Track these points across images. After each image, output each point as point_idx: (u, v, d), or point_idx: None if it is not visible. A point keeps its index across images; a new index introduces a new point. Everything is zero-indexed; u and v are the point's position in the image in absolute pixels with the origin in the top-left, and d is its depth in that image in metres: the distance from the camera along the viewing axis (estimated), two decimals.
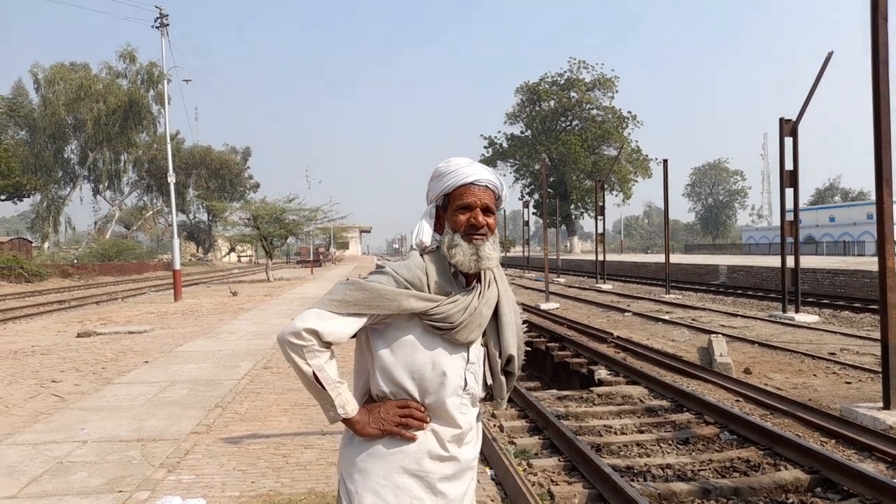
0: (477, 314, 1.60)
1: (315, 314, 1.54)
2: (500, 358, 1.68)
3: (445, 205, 1.70)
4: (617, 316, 14.00)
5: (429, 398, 1.59)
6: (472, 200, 1.65)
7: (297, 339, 1.52)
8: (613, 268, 33.40)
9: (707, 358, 8.82)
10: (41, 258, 42.96)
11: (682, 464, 4.93)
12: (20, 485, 4.14)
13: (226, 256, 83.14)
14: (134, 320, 14.63)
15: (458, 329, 1.57)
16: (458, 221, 1.64)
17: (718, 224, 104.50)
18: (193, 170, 68.11)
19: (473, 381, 1.64)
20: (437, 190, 1.70)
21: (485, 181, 1.68)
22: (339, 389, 1.57)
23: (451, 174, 1.68)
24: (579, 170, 60.86)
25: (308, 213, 34.99)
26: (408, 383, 1.58)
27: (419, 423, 1.59)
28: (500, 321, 1.69)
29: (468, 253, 1.60)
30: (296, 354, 1.54)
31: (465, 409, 1.63)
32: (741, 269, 24.48)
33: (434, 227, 1.71)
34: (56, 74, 54.00)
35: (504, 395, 1.74)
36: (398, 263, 1.63)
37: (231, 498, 3.90)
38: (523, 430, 6.05)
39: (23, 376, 7.97)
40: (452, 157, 1.73)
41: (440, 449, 1.61)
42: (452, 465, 1.63)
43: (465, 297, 1.60)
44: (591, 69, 64.16)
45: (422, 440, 1.60)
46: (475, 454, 1.71)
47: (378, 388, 1.60)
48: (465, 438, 1.66)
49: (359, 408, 1.61)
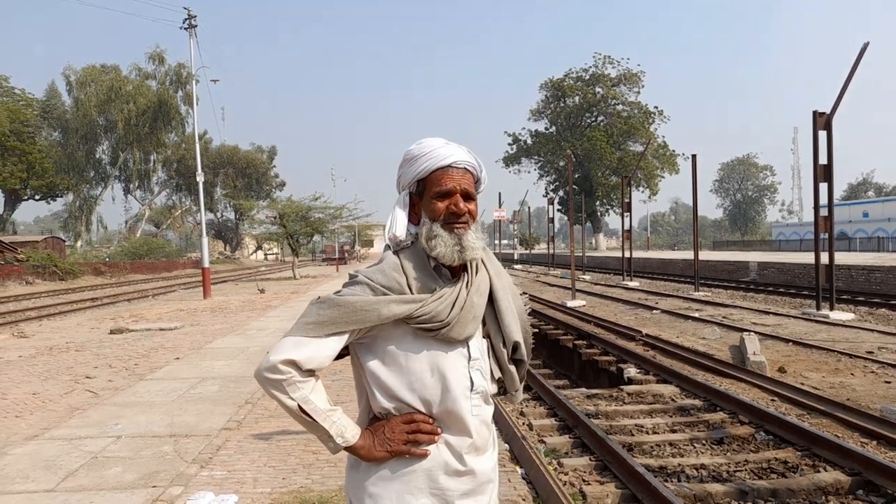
0: (469, 306, 1.46)
1: (290, 343, 1.40)
2: (505, 347, 1.54)
3: (420, 191, 1.54)
4: (645, 313, 13.82)
5: (435, 407, 1.44)
6: (452, 186, 1.49)
7: (273, 373, 1.39)
8: (640, 265, 33.02)
9: (739, 356, 8.65)
10: (74, 256, 43.90)
11: (717, 464, 4.83)
12: (58, 478, 4.21)
13: (252, 254, 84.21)
14: (164, 317, 14.87)
15: (451, 326, 1.43)
16: (437, 209, 1.49)
17: (747, 220, 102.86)
18: (221, 169, 69.07)
19: (481, 378, 1.49)
20: (411, 175, 1.54)
21: (463, 163, 1.52)
22: (331, 418, 1.42)
23: (426, 156, 1.52)
24: (605, 166, 60.39)
25: (333, 212, 35.24)
26: (408, 396, 1.43)
27: (429, 437, 1.44)
28: (497, 307, 1.54)
29: (450, 244, 1.45)
30: (276, 390, 1.40)
31: (477, 411, 1.48)
32: (772, 266, 24.02)
33: (409, 218, 1.55)
34: (88, 76, 55.11)
35: (518, 387, 1.61)
36: (371, 269, 1.49)
37: (263, 494, 3.91)
38: (553, 429, 5.99)
39: (58, 372, 8.13)
40: (425, 138, 1.57)
41: (456, 462, 1.46)
42: (471, 479, 1.48)
43: (452, 290, 1.46)
44: (617, 64, 63.59)
45: (435, 455, 1.45)
46: (494, 463, 1.56)
47: (379, 406, 1.46)
48: (481, 447, 1.50)
49: (360, 431, 1.46)
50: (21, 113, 51.45)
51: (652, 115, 62.81)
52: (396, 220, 1.53)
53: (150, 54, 57.79)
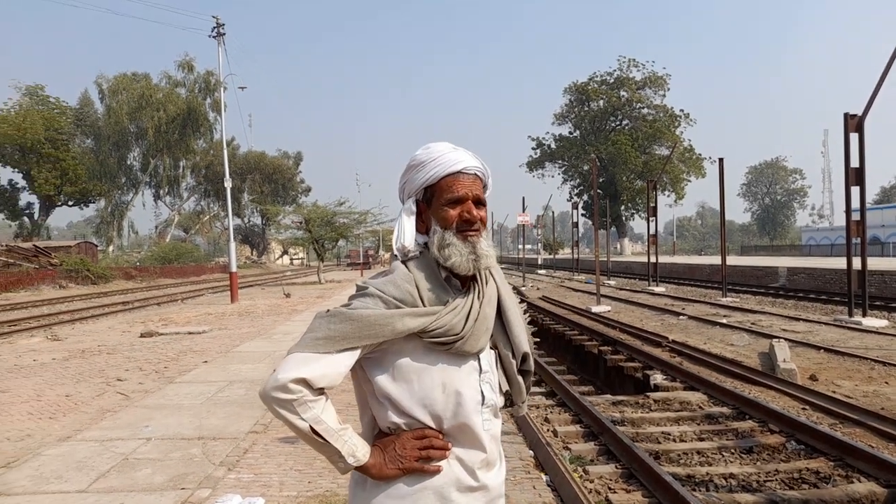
0: (482, 318, 1.43)
1: (300, 360, 1.33)
2: (514, 358, 1.51)
3: (428, 199, 1.49)
4: (671, 319, 13.65)
5: (447, 423, 1.40)
6: (464, 192, 1.45)
7: (284, 393, 1.31)
8: (666, 270, 32.63)
9: (769, 363, 8.49)
10: (106, 261, 44.81)
11: (747, 474, 4.74)
12: (89, 479, 4.30)
13: (279, 259, 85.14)
14: (193, 321, 15.10)
15: (465, 339, 1.39)
16: (449, 217, 1.44)
17: (776, 224, 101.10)
18: (248, 175, 70.02)
19: (491, 392, 1.45)
20: (418, 182, 1.48)
21: (473, 168, 1.48)
22: (343, 437, 1.37)
23: (434, 162, 1.47)
24: (630, 170, 59.83)
25: (358, 217, 35.48)
26: (419, 412, 1.39)
27: (441, 453, 1.39)
28: (506, 317, 1.51)
29: (465, 252, 1.41)
30: (286, 411, 1.32)
31: (488, 426, 1.44)
32: (802, 272, 23.55)
33: (416, 226, 1.50)
34: (119, 84, 56.38)
35: (525, 398, 1.57)
36: (382, 280, 1.43)
37: (289, 498, 3.95)
38: (578, 436, 5.95)
39: (90, 374, 8.30)
40: (431, 143, 1.52)
41: (469, 478, 1.42)
42: (483, 495, 1.44)
43: (465, 301, 1.42)
44: (642, 67, 63.05)
45: (446, 472, 1.40)
46: (503, 478, 1.52)
47: (388, 422, 1.41)
48: (492, 462, 1.47)
49: (370, 449, 1.40)
50: (55, 121, 52.85)
51: (678, 119, 62.09)
52: (404, 230, 1.48)
53: (180, 62, 59.05)
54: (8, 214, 54.69)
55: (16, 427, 5.77)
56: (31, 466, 4.61)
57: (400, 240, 1.48)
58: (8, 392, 7.32)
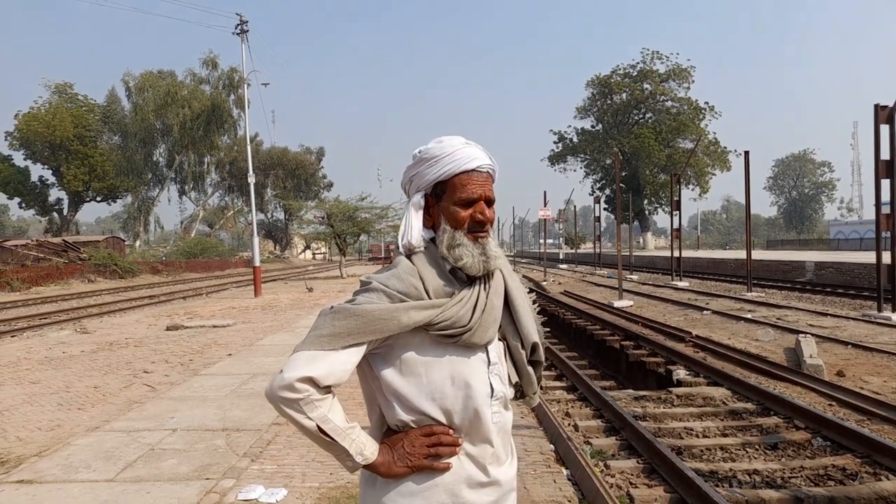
0: (489, 308, 1.40)
1: (305, 358, 1.31)
2: (523, 349, 1.48)
3: (437, 193, 1.46)
4: (695, 314, 13.49)
5: (457, 417, 1.38)
6: (478, 193, 1.43)
7: (290, 392, 1.29)
8: (689, 264, 32.24)
9: (795, 359, 8.36)
10: (133, 255, 45.63)
11: (771, 470, 4.68)
12: (117, 469, 4.39)
13: (301, 254, 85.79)
14: (217, 314, 15.31)
15: (473, 331, 1.37)
16: (460, 217, 1.42)
17: (803, 218, 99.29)
18: (271, 170, 70.62)
19: (500, 384, 1.43)
20: (430, 177, 1.44)
21: (486, 167, 1.45)
22: (351, 436, 1.35)
23: (449, 157, 1.43)
24: (653, 163, 59.16)
25: (379, 211, 35.57)
26: (429, 407, 1.36)
27: (450, 450, 1.37)
28: (513, 307, 1.48)
29: (475, 254, 1.39)
30: (292, 410, 1.30)
31: (497, 418, 1.42)
32: (830, 266, 23.10)
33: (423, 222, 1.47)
34: (145, 82, 57.20)
35: (536, 389, 1.55)
36: (386, 274, 1.41)
37: (311, 489, 4.00)
38: (599, 431, 5.92)
39: (118, 366, 8.47)
40: (444, 137, 1.48)
41: (480, 474, 1.40)
42: (494, 490, 1.42)
43: (471, 293, 1.40)
44: (666, 59, 62.21)
45: (457, 468, 1.38)
46: (514, 472, 1.50)
47: (396, 419, 1.38)
48: (502, 456, 1.45)
49: (378, 447, 1.38)
50: (84, 118, 53.92)
51: (702, 111, 61.18)
52: (412, 225, 1.45)
53: (204, 59, 59.69)
54: (38, 210, 55.97)
55: (46, 417, 5.92)
56: (61, 455, 4.72)
57: (406, 236, 1.45)
58: (39, 383, 7.50)
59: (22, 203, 54.98)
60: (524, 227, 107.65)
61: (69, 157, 51.82)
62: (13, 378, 7.85)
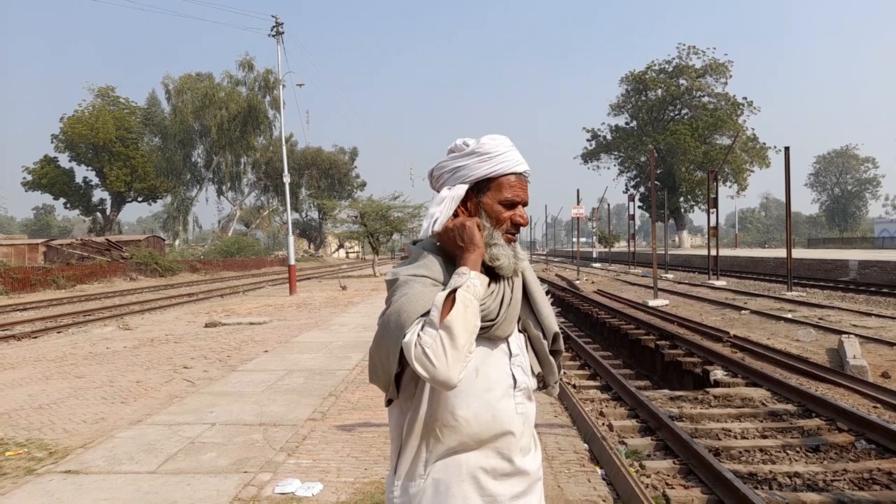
0: (514, 303, 1.43)
1: (413, 330, 1.29)
2: (545, 338, 1.50)
3: (479, 189, 1.46)
4: (733, 314, 13.22)
5: (480, 410, 1.39)
6: (521, 196, 1.46)
7: (411, 336, 1.28)
8: (727, 263, 31.56)
9: (837, 360, 8.14)
10: (172, 254, 46.74)
11: (813, 473, 4.57)
12: (158, 461, 4.51)
13: (335, 252, 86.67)
14: (254, 312, 15.57)
15: (498, 324, 1.39)
16: (503, 217, 1.44)
17: (846, 216, 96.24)
18: (305, 170, 71.47)
19: (522, 375, 1.45)
20: (481, 171, 1.44)
21: (528, 173, 1.49)
22: (455, 288, 1.31)
23: (501, 157, 1.45)
24: (689, 161, 58.05)
25: (412, 210, 35.71)
26: (454, 400, 1.37)
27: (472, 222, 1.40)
28: (532, 299, 1.50)
29: (510, 255, 1.42)
30: (419, 344, 1.26)
31: (521, 409, 1.43)
32: (874, 265, 22.36)
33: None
34: (184, 85, 58.51)
35: (558, 378, 1.57)
36: (413, 266, 1.42)
37: (346, 483, 4.05)
38: (634, 430, 5.86)
39: (159, 362, 8.69)
40: (495, 136, 1.49)
41: (506, 465, 1.40)
42: (521, 480, 1.42)
43: (500, 287, 1.42)
44: (702, 54, 61.00)
45: (482, 460, 1.39)
46: (540, 462, 1.51)
47: (431, 418, 1.38)
48: (526, 446, 1.45)
49: (461, 268, 1.36)
50: (126, 120, 55.33)
51: (740, 107, 59.80)
52: (446, 215, 1.44)
53: (240, 61, 60.81)
54: (82, 210, 57.64)
55: (91, 411, 6.11)
56: (105, 448, 4.87)
57: (440, 223, 1.44)
58: (84, 378, 7.74)
59: (67, 203, 56.71)
60: (556, 225, 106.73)
61: (112, 158, 53.28)
62: (60, 372, 8.12)
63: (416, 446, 1.42)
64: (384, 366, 1.37)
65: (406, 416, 1.43)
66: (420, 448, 1.41)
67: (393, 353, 1.33)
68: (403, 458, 1.43)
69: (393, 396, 1.42)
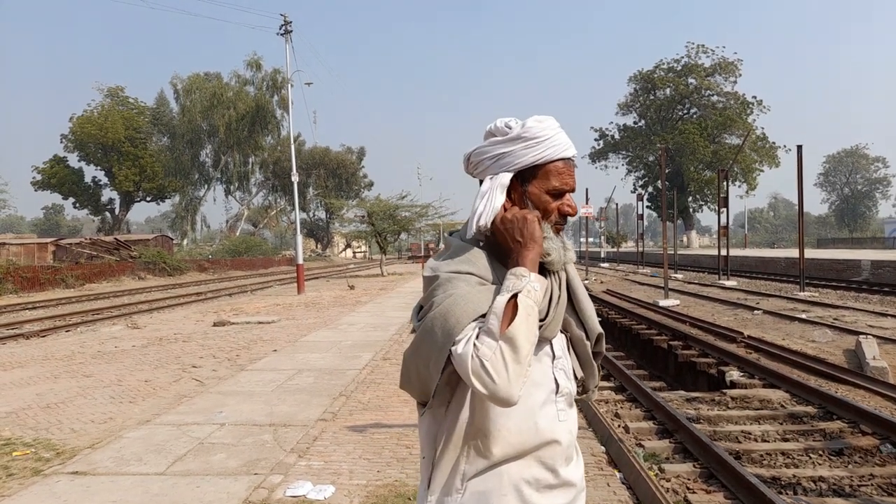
0: (561, 302, 1.31)
1: (465, 334, 1.17)
2: (588, 340, 1.38)
3: (525, 177, 1.32)
4: (745, 314, 13.06)
5: (522, 417, 1.27)
6: (570, 184, 1.32)
7: (466, 347, 1.15)
8: (737, 263, 31.33)
9: (856, 361, 7.99)
10: (181, 254, 46.80)
11: (838, 477, 4.44)
12: (167, 462, 4.43)
13: (342, 252, 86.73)
14: (262, 311, 15.52)
15: (547, 325, 1.27)
16: (551, 208, 1.31)
17: (856, 216, 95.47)
18: (313, 170, 71.55)
19: (565, 379, 1.33)
20: (527, 158, 1.30)
21: (575, 157, 1.35)
22: (512, 290, 1.18)
23: (549, 141, 1.30)
24: (698, 160, 57.81)
25: (419, 210, 35.69)
26: (493, 408, 1.25)
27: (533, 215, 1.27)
28: (576, 298, 1.37)
29: (560, 248, 1.29)
30: (476, 356, 1.14)
31: (563, 416, 1.31)
32: (887, 265, 22.10)
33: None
34: (192, 84, 58.63)
35: (598, 382, 1.45)
36: (454, 261, 1.28)
37: (359, 486, 3.95)
38: (651, 433, 5.73)
39: (167, 361, 8.63)
40: (542, 116, 1.33)
41: (549, 476, 1.29)
42: (565, 491, 1.32)
43: (548, 285, 1.29)
44: (711, 53, 60.70)
45: (525, 471, 1.27)
46: (583, 471, 1.40)
47: (470, 428, 1.26)
48: (570, 455, 1.34)
49: (516, 268, 1.22)
50: (134, 120, 55.65)
51: (750, 106, 59.46)
52: (494, 208, 1.29)
53: (248, 61, 60.87)
54: (92, 210, 57.98)
55: (99, 410, 6.04)
56: (113, 448, 4.79)
57: (485, 217, 1.29)
58: (92, 377, 7.68)
59: (76, 203, 57.05)
60: None
61: (120, 158, 53.54)
62: (68, 371, 8.07)
63: (453, 458, 1.29)
64: (421, 374, 1.26)
65: (440, 426, 1.31)
66: (458, 460, 1.29)
67: (436, 361, 1.20)
68: (438, 470, 1.30)
69: (425, 401, 1.30)
